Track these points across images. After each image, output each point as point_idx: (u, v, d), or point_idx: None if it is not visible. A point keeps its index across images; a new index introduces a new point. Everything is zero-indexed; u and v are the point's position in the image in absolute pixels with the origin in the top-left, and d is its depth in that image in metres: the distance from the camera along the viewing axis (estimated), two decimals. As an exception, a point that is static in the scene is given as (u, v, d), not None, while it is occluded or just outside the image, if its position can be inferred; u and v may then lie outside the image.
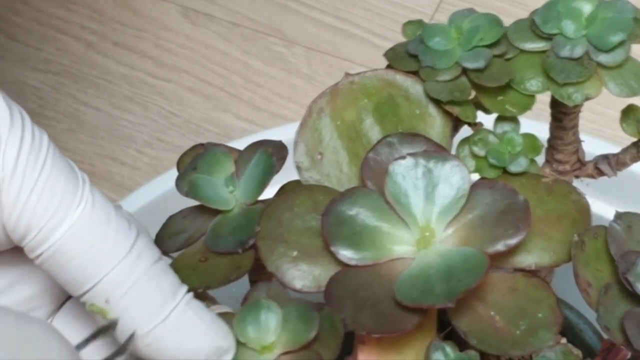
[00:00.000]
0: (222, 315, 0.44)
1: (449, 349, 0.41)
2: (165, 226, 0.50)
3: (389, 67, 0.50)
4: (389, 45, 0.51)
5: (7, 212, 0.40)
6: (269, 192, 0.48)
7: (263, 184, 0.48)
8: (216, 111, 1.00)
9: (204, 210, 0.49)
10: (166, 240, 0.48)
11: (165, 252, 0.48)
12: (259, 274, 0.49)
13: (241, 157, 0.49)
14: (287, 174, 0.49)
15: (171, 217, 0.50)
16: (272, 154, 0.48)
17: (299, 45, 1.04)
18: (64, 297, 0.46)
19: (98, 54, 1.04)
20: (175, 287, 0.43)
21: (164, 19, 1.07)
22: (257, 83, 1.02)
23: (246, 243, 0.46)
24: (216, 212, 0.48)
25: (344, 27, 1.05)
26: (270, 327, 0.43)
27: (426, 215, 0.44)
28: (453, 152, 0.48)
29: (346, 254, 0.43)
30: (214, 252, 0.47)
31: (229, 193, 0.48)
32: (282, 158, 0.48)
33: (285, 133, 0.49)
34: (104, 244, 0.41)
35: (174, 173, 0.51)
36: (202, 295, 0.47)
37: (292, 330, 0.43)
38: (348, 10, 1.06)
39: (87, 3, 1.08)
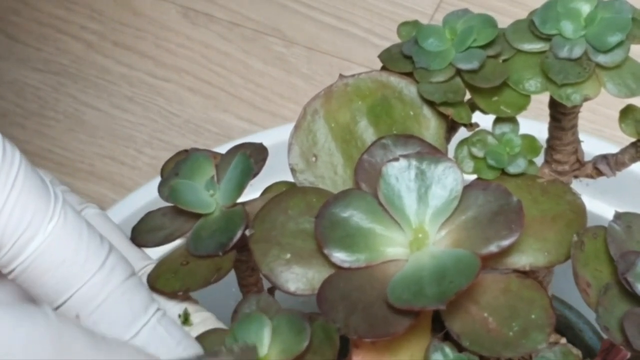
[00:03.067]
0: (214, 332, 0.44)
1: (448, 349, 0.41)
2: (143, 221, 0.50)
3: (383, 68, 0.50)
4: (389, 45, 0.51)
5: None
6: (256, 194, 0.48)
7: (241, 187, 0.48)
8: (216, 111, 1.00)
9: (183, 211, 0.49)
10: (144, 234, 0.49)
11: (142, 246, 0.48)
12: (247, 276, 0.49)
13: (222, 160, 0.49)
14: (283, 177, 0.49)
15: (149, 214, 0.50)
16: (251, 156, 0.48)
17: (299, 45, 1.04)
18: None
19: (98, 54, 1.04)
20: (147, 302, 0.43)
21: (164, 19, 1.07)
22: (257, 83, 1.02)
23: (226, 245, 0.46)
24: (197, 215, 0.48)
25: (344, 27, 1.05)
26: (262, 339, 0.43)
27: (419, 217, 0.43)
28: (451, 153, 0.48)
29: (339, 257, 0.43)
30: (195, 255, 0.47)
31: (209, 196, 0.48)
32: (262, 160, 0.48)
33: (285, 133, 0.49)
34: (76, 259, 0.41)
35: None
36: (186, 298, 0.47)
37: (284, 341, 0.43)
38: (348, 10, 1.06)
39: (87, 3, 1.08)
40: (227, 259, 0.46)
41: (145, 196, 0.67)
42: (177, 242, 0.49)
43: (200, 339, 0.45)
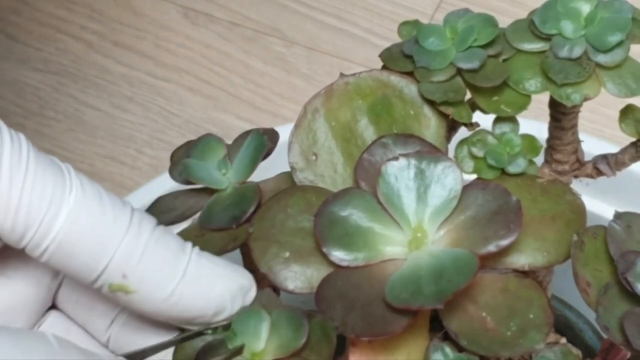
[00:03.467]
0: None
1: (449, 349, 0.41)
2: (155, 204, 0.50)
3: (384, 67, 0.50)
4: (389, 45, 0.51)
5: (2, 214, 0.40)
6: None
7: (254, 162, 0.48)
8: (216, 111, 1.00)
9: (196, 192, 0.49)
10: (156, 215, 0.48)
11: None
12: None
13: (234, 143, 0.50)
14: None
15: (161, 197, 0.50)
16: (264, 134, 0.48)
17: (299, 45, 1.04)
18: (42, 312, 0.46)
19: (98, 54, 1.04)
20: (182, 243, 0.43)
21: (164, 19, 1.07)
22: (257, 83, 1.02)
23: (240, 218, 0.46)
24: (209, 193, 0.49)
25: (344, 27, 1.05)
26: (260, 334, 0.43)
27: (418, 216, 0.44)
28: (451, 152, 0.48)
29: (338, 255, 0.43)
30: (209, 228, 0.47)
31: (221, 175, 0.49)
32: (274, 141, 0.49)
33: (285, 133, 0.49)
34: (105, 221, 0.41)
35: (172, 172, 0.51)
36: None
37: (282, 336, 0.43)
38: (348, 10, 1.06)
39: (87, 3, 1.08)
40: (242, 230, 0.46)
41: (146, 196, 0.67)
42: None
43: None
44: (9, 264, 0.44)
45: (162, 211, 0.49)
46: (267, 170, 0.52)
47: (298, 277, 0.43)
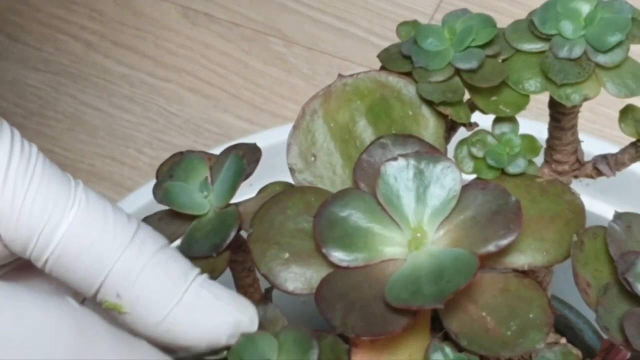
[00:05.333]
0: None
1: (448, 349, 0.41)
2: None
3: (383, 68, 0.50)
4: (389, 45, 0.51)
5: (5, 223, 0.41)
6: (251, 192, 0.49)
7: (234, 188, 0.48)
8: (216, 111, 1.00)
9: (179, 213, 0.49)
10: None
11: None
12: (243, 277, 0.49)
13: (216, 162, 0.49)
14: (284, 177, 0.49)
15: (146, 219, 0.50)
16: (244, 156, 0.48)
17: (299, 45, 1.04)
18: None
19: (98, 54, 1.04)
20: (187, 269, 0.43)
21: (164, 19, 1.07)
22: (257, 83, 1.02)
23: (220, 246, 0.46)
24: (192, 217, 0.48)
25: (344, 27, 1.05)
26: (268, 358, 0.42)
27: (418, 216, 0.44)
28: (451, 152, 0.48)
29: (338, 256, 0.43)
30: (189, 257, 0.47)
31: (203, 198, 0.48)
32: (256, 160, 0.48)
33: (285, 133, 0.49)
34: (104, 238, 0.41)
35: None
36: None
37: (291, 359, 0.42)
38: (348, 10, 1.06)
39: (87, 3, 1.08)
40: (221, 259, 0.46)
41: (145, 196, 0.67)
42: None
43: None
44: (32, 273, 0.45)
45: None
46: (270, 169, 0.53)
47: (298, 278, 0.43)
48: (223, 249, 0.46)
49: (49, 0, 1.08)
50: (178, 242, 0.48)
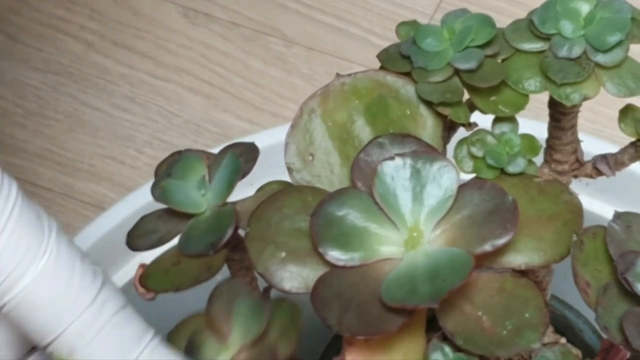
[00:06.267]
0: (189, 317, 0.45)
1: (448, 349, 0.42)
2: (137, 226, 0.50)
3: (382, 68, 0.50)
4: (389, 45, 0.51)
5: None
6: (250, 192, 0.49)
7: (231, 186, 0.48)
8: (216, 111, 1.00)
9: (176, 212, 0.49)
10: (137, 239, 0.49)
11: (136, 249, 0.48)
12: (241, 275, 0.49)
13: (214, 160, 0.49)
14: (283, 176, 0.49)
15: (144, 217, 0.50)
16: (241, 155, 0.48)
17: (299, 45, 1.04)
18: (25, 351, 0.46)
19: (98, 54, 1.05)
20: (141, 333, 0.43)
21: (164, 19, 1.07)
22: (257, 83, 1.02)
23: (216, 245, 0.46)
24: (189, 215, 0.48)
25: (344, 27, 1.05)
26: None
27: (414, 215, 0.44)
28: (450, 152, 0.48)
29: (334, 255, 0.43)
30: (186, 255, 0.47)
31: (200, 196, 0.48)
32: (253, 159, 0.48)
33: (284, 133, 0.49)
34: (68, 295, 0.42)
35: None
36: None
37: (245, 324, 0.43)
38: (348, 10, 1.06)
39: (87, 3, 1.08)
40: (218, 257, 0.46)
41: (145, 196, 0.67)
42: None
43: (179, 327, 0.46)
44: None
45: (143, 233, 0.49)
46: (270, 169, 0.53)
47: (294, 278, 0.43)
48: (220, 247, 0.46)
49: (49, 0, 1.08)
50: (176, 239, 0.48)
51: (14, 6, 1.07)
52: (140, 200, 0.68)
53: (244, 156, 0.48)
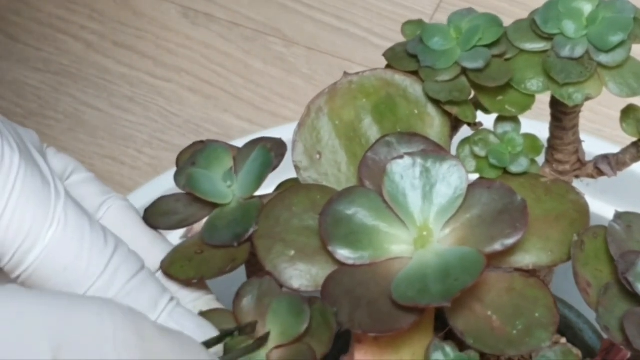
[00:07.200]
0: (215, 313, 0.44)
1: (449, 349, 0.41)
2: (156, 204, 0.50)
3: (388, 67, 0.50)
4: (389, 45, 0.51)
5: None
6: (268, 190, 0.48)
7: (260, 179, 0.48)
8: (216, 111, 1.00)
9: (198, 199, 0.49)
10: (157, 217, 0.49)
11: (155, 228, 0.48)
12: (257, 270, 0.49)
13: (240, 153, 0.50)
14: (288, 174, 0.49)
15: (162, 198, 0.50)
16: (271, 149, 0.48)
17: (299, 45, 1.04)
18: None
19: (98, 54, 1.04)
20: (156, 297, 0.43)
21: (164, 19, 1.07)
22: (257, 83, 1.02)
23: (242, 237, 0.46)
24: (212, 204, 0.48)
25: (344, 27, 1.05)
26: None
27: (424, 214, 0.44)
28: (453, 151, 0.48)
29: (343, 254, 0.43)
30: (210, 245, 0.47)
31: (226, 187, 0.48)
32: (281, 154, 0.48)
33: (285, 133, 0.49)
34: (78, 265, 0.41)
35: (173, 173, 0.51)
36: (198, 284, 0.47)
37: (283, 323, 0.43)
38: (348, 10, 1.06)
39: (87, 3, 1.08)
40: (242, 250, 0.46)
41: (146, 196, 0.67)
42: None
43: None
44: None
45: (163, 213, 0.49)
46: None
47: (303, 276, 0.43)
48: (245, 239, 0.46)
49: (49, 0, 1.08)
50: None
51: (14, 6, 1.07)
52: (140, 201, 0.67)
53: (274, 151, 0.48)
